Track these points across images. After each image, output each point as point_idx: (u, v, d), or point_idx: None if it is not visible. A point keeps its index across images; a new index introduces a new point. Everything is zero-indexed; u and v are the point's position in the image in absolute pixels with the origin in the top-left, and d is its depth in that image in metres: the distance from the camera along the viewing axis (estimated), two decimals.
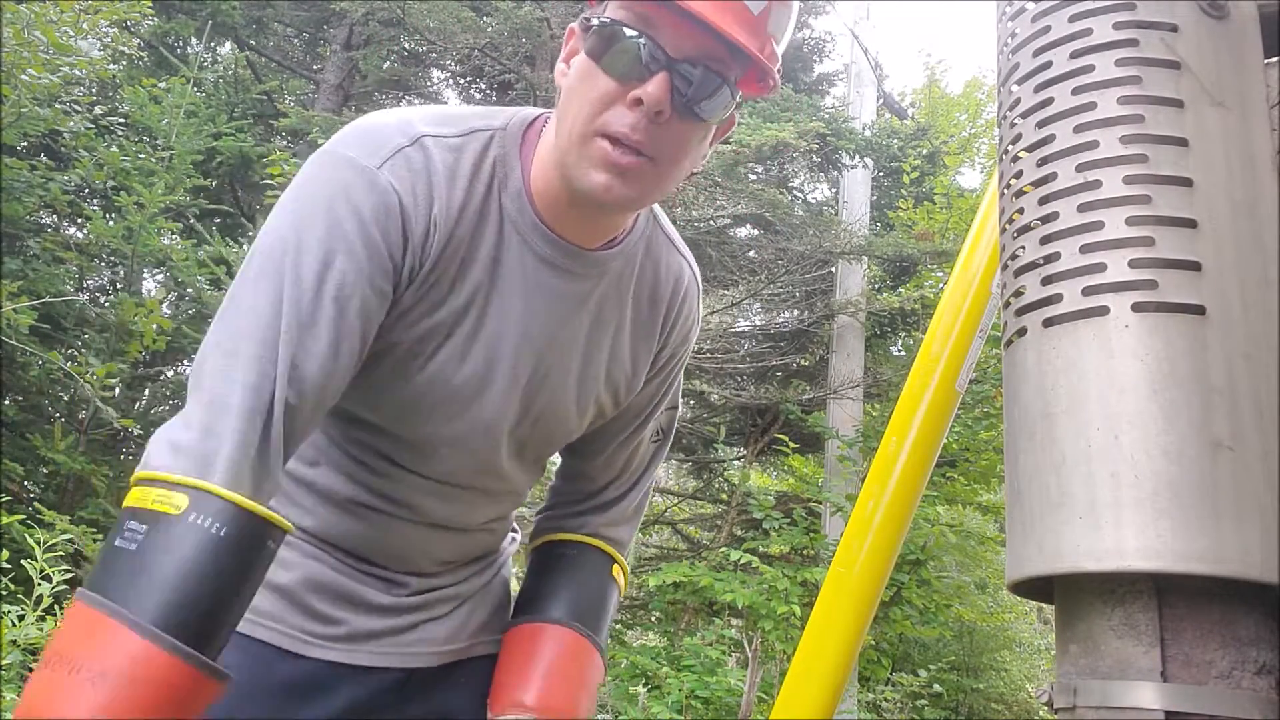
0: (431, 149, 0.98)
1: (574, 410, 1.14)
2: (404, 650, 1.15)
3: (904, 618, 6.44)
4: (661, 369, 1.21)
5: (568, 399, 1.12)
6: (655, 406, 1.24)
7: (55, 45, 5.11)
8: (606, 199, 0.94)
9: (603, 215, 1.03)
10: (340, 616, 1.11)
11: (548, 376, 1.08)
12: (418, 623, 1.17)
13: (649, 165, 0.93)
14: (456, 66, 8.42)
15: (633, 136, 0.91)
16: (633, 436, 1.25)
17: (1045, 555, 0.70)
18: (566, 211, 1.02)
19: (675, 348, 1.21)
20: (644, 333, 1.16)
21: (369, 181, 0.93)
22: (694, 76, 0.91)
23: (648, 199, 0.99)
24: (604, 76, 0.92)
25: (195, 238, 5.86)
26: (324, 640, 1.10)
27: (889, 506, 1.51)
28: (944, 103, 11.33)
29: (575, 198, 0.98)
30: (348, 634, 1.12)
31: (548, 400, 1.10)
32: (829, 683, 1.45)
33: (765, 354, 8.17)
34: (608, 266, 1.08)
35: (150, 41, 8.22)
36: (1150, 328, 0.69)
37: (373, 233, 0.93)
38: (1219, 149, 0.72)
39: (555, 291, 1.05)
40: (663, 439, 1.29)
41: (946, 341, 1.55)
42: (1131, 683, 0.66)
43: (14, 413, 5.70)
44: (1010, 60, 0.83)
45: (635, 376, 1.17)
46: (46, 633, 2.99)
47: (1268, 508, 0.65)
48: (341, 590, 1.12)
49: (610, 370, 1.14)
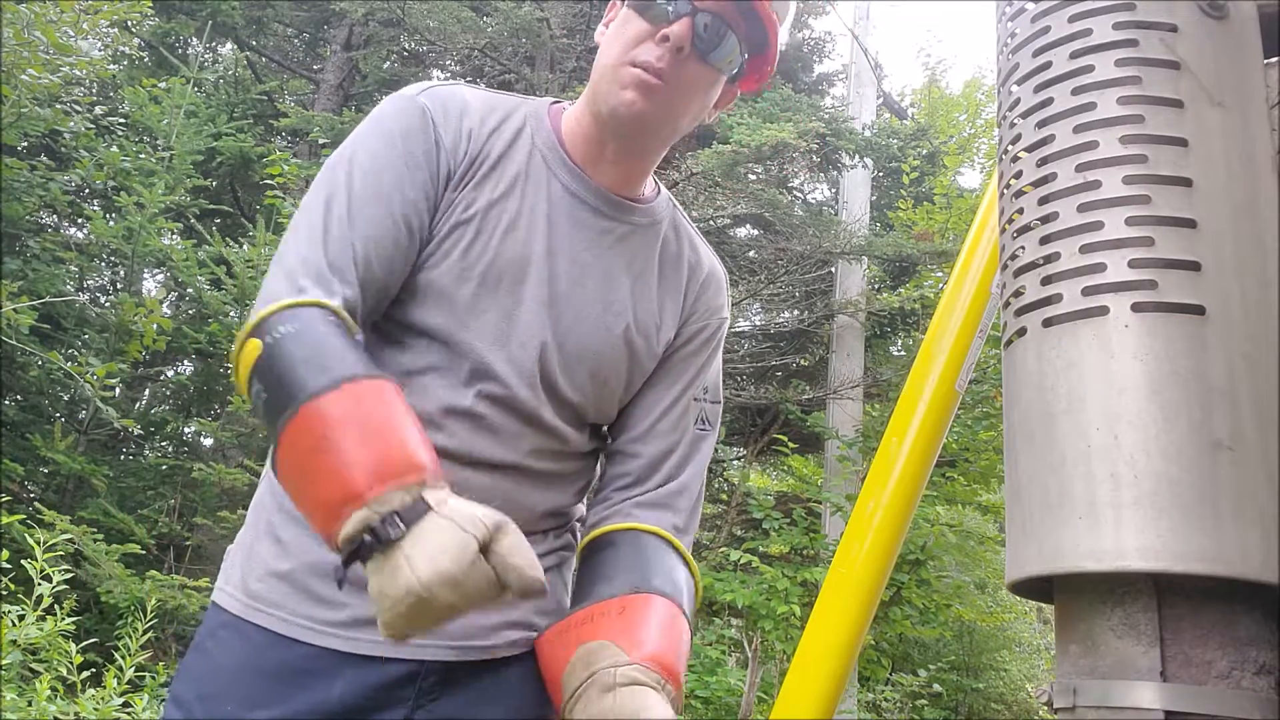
0: (466, 90, 1.20)
1: (604, 336, 1.17)
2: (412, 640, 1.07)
3: (904, 618, 6.44)
4: (695, 335, 1.28)
5: (596, 321, 1.17)
6: (695, 376, 1.28)
7: (55, 45, 5.11)
8: (630, 112, 1.12)
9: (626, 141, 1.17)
10: (344, 600, 1.07)
11: (573, 294, 1.16)
12: None
13: (666, 91, 1.12)
14: (456, 66, 8.42)
15: (657, 65, 1.10)
16: (675, 404, 1.25)
17: (1045, 555, 0.70)
18: (593, 154, 1.19)
19: (705, 318, 1.28)
20: (670, 289, 1.26)
21: (407, 104, 1.15)
22: (710, 24, 1.12)
23: (662, 122, 1.16)
24: (639, 19, 1.13)
25: (195, 238, 5.86)
26: (324, 625, 1.07)
27: (889, 506, 1.51)
28: (944, 103, 11.34)
29: (602, 123, 1.15)
30: (350, 619, 1.07)
31: (575, 317, 1.16)
32: (829, 683, 1.45)
33: (765, 354, 8.18)
34: (632, 216, 1.22)
35: (150, 41, 8.22)
36: (1150, 328, 0.69)
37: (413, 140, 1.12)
38: (1219, 149, 0.72)
39: (578, 219, 1.19)
40: (707, 429, 1.30)
41: (946, 341, 1.55)
42: (1131, 683, 0.66)
43: (14, 413, 5.71)
44: (1010, 60, 0.83)
45: (664, 327, 1.24)
46: (46, 633, 2.99)
47: (1268, 508, 0.65)
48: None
49: (638, 310, 1.21)
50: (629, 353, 1.21)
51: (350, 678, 1.07)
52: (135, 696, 3.15)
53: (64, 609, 3.09)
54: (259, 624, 1.07)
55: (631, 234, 1.22)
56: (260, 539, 1.13)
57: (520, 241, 1.15)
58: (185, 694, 1.07)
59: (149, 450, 6.86)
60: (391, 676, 1.08)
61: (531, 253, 1.15)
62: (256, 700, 1.04)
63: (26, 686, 3.05)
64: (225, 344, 5.65)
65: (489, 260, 1.13)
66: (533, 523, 1.18)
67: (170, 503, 5.60)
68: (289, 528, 1.11)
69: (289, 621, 1.07)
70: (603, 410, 1.23)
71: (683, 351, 1.27)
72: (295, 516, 1.11)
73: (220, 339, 5.53)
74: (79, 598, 4.08)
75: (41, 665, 3.17)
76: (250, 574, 1.11)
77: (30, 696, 2.92)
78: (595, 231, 1.19)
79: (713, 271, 1.31)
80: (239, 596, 1.10)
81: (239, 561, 1.14)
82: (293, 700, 1.04)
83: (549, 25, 6.64)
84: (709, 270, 1.30)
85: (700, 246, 1.31)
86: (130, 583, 4.26)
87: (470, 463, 1.12)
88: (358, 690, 1.07)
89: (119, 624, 4.10)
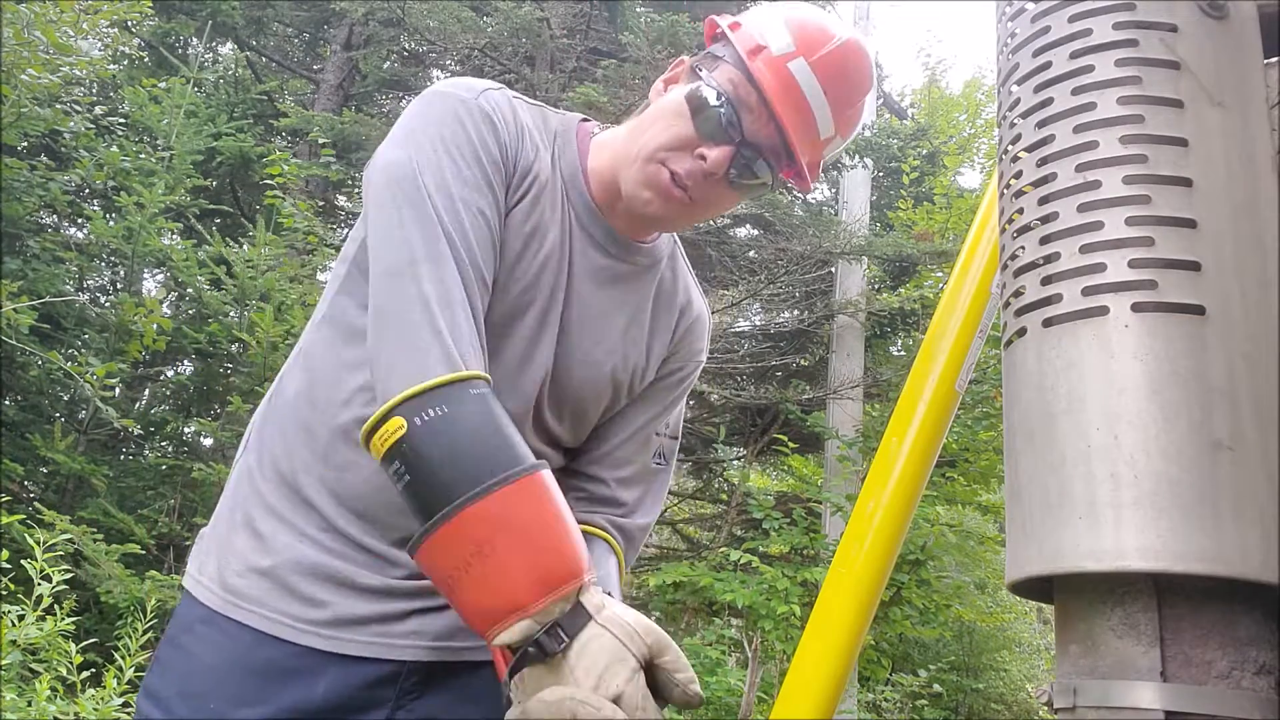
0: (511, 96, 1.16)
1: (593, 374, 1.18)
2: (392, 641, 1.09)
3: (904, 618, 6.44)
4: (673, 373, 1.30)
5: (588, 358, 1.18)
6: (664, 410, 1.30)
7: (55, 45, 5.11)
8: (645, 211, 1.13)
9: (635, 223, 1.19)
10: (325, 599, 1.08)
11: (576, 330, 1.17)
12: (410, 611, 1.11)
13: (688, 203, 1.12)
14: (456, 66, 8.41)
15: (685, 181, 1.10)
16: (641, 430, 1.27)
17: (1045, 555, 0.70)
18: (611, 202, 1.18)
19: (685, 359, 1.31)
20: (660, 328, 1.27)
21: (472, 105, 1.10)
22: (751, 159, 1.11)
23: (676, 225, 1.20)
24: (688, 123, 1.10)
25: (195, 238, 5.86)
26: (307, 624, 1.06)
27: (889, 506, 1.51)
28: (944, 103, 11.33)
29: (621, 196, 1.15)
30: (333, 618, 1.08)
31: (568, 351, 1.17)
32: (829, 683, 1.45)
33: (765, 354, 8.17)
34: (636, 257, 1.22)
35: (150, 41, 8.22)
36: (1150, 328, 0.69)
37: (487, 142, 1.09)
38: (1219, 149, 0.72)
39: (587, 255, 1.18)
40: (663, 464, 1.32)
41: (946, 341, 1.54)
42: (1131, 683, 0.66)
43: (14, 413, 5.71)
44: (1010, 60, 0.83)
45: (649, 367, 1.26)
46: (46, 633, 2.99)
47: (1268, 508, 0.65)
48: (328, 571, 1.08)
49: (628, 352, 1.22)
50: (612, 392, 1.23)
51: (333, 677, 1.07)
52: (135, 696, 3.15)
53: (64, 609, 3.09)
54: (240, 620, 1.06)
55: (631, 274, 1.23)
56: (237, 530, 1.12)
57: (553, 269, 1.15)
58: (163, 690, 1.06)
59: (149, 450, 6.86)
60: (374, 676, 1.09)
61: (559, 284, 1.15)
62: (241, 699, 1.04)
63: (26, 686, 3.05)
64: (225, 344, 5.65)
65: (528, 282, 1.13)
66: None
67: (170, 503, 5.60)
68: (268, 521, 1.11)
69: (271, 619, 1.06)
70: (576, 439, 1.26)
71: (657, 386, 1.29)
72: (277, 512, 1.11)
73: (220, 339, 5.53)
74: (79, 598, 4.08)
75: (41, 665, 3.16)
76: (227, 567, 1.10)
77: (30, 696, 2.91)
78: (598, 268, 1.19)
79: (699, 315, 1.32)
80: (216, 590, 1.09)
81: (214, 552, 1.13)
82: (276, 699, 1.04)
83: (549, 25, 6.63)
84: (697, 314, 1.32)
85: (692, 288, 1.33)
86: (130, 583, 4.25)
87: None
88: (340, 689, 1.07)
89: (119, 624, 4.10)
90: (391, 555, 1.10)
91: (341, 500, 1.10)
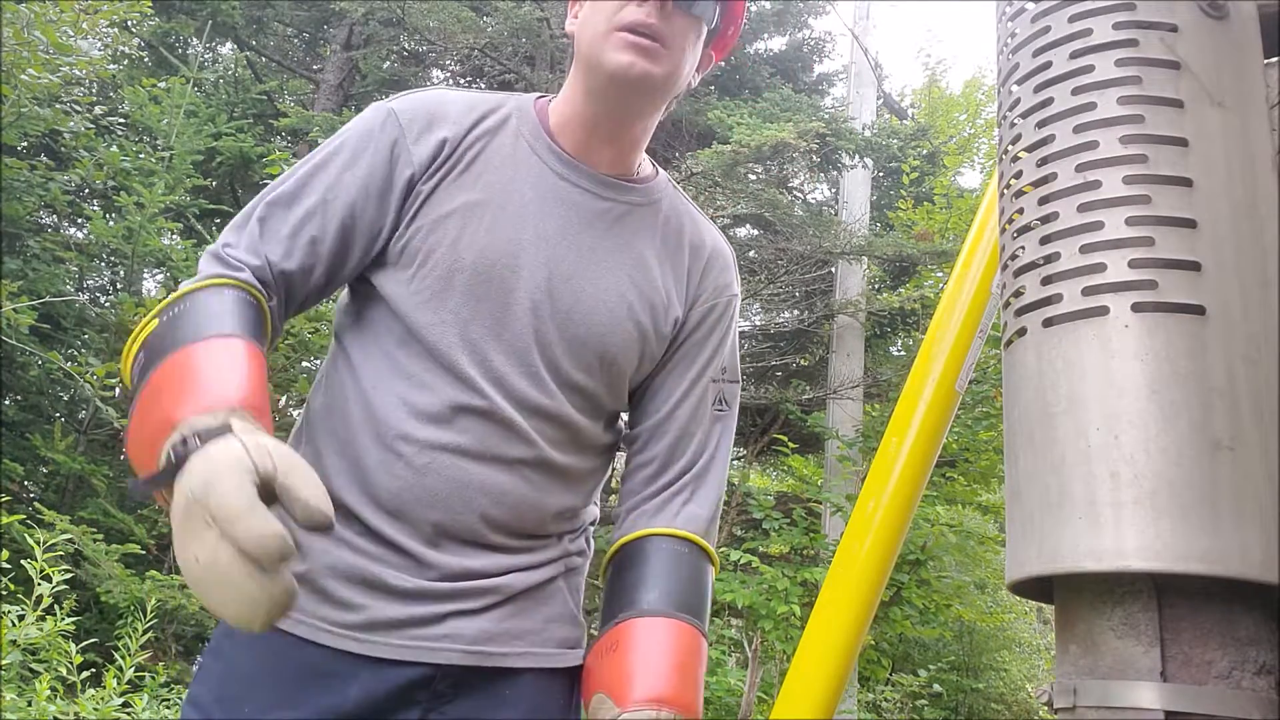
0: (447, 91, 1.21)
1: (608, 317, 1.16)
2: (427, 644, 1.08)
3: (904, 618, 6.44)
4: (705, 316, 1.26)
5: (597, 302, 1.16)
6: (711, 357, 1.26)
7: (55, 45, 5.11)
8: (633, 73, 1.11)
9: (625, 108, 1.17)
10: (360, 602, 1.07)
11: (572, 278, 1.15)
12: (445, 614, 1.09)
13: (662, 49, 1.12)
14: (456, 66, 8.41)
15: (647, 21, 1.10)
16: (693, 388, 1.24)
17: (1045, 555, 0.70)
18: (584, 137, 1.19)
19: (714, 296, 1.27)
20: (673, 268, 1.24)
21: (376, 108, 1.18)
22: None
23: (664, 79, 1.15)
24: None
25: (195, 238, 5.86)
26: (341, 628, 1.07)
27: (889, 506, 1.51)
28: (944, 103, 11.33)
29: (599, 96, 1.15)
30: (367, 621, 1.07)
31: (574, 300, 1.15)
32: (829, 683, 1.45)
33: (765, 354, 8.18)
34: (627, 195, 1.21)
35: (150, 41, 8.22)
36: (1150, 328, 0.69)
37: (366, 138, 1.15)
38: (1219, 149, 0.72)
39: (572, 203, 1.18)
40: (725, 409, 1.28)
41: (946, 341, 1.54)
42: (1131, 683, 0.66)
43: (14, 413, 5.71)
44: (1010, 60, 0.83)
45: (670, 306, 1.22)
46: (46, 633, 2.99)
47: (1268, 508, 0.65)
48: (362, 574, 1.08)
49: (642, 288, 1.20)
50: (637, 332, 1.19)
51: (365, 680, 1.07)
52: (135, 697, 3.15)
53: (64, 609, 3.09)
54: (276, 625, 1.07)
55: (629, 213, 1.21)
56: None
57: (509, 233, 1.14)
58: (203, 696, 1.08)
59: None
60: (406, 679, 1.08)
61: (521, 242, 1.14)
62: (275, 703, 1.05)
63: (26, 686, 3.05)
64: None
65: (476, 254, 1.13)
66: (545, 523, 1.18)
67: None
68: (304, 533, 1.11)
69: (306, 624, 1.07)
70: (615, 393, 1.22)
71: (696, 335, 1.26)
72: None
73: None
74: (79, 598, 4.07)
75: (41, 665, 3.16)
76: None
77: (30, 696, 2.92)
78: (591, 213, 1.18)
79: (716, 249, 1.29)
80: None
81: None
82: (309, 703, 1.05)
83: (549, 25, 6.63)
84: (713, 248, 1.28)
85: (702, 224, 1.29)
86: (130, 583, 4.25)
87: (488, 459, 1.11)
88: (372, 693, 1.07)
89: (119, 624, 4.10)
90: (426, 557, 1.09)
91: (377, 500, 1.10)
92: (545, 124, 1.21)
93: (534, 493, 1.14)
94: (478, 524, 1.11)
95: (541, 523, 1.17)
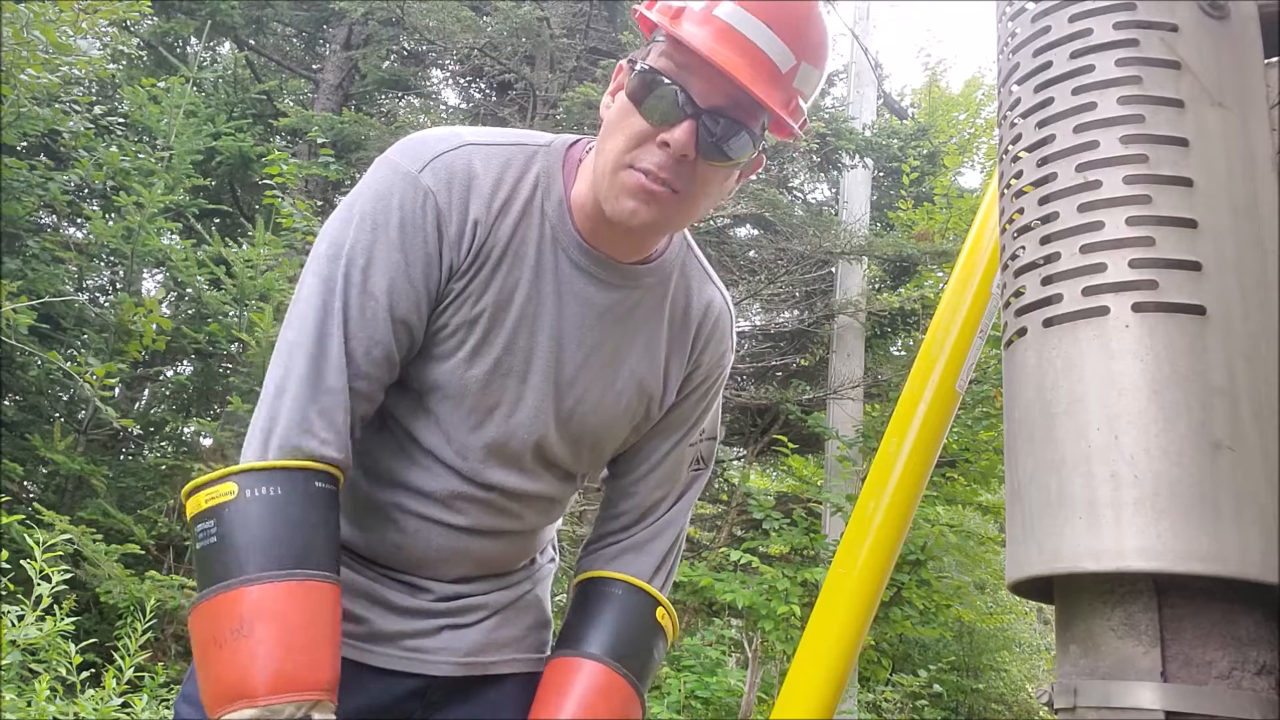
0: (474, 155, 1.09)
1: (608, 413, 1.18)
2: (425, 656, 1.15)
3: (904, 618, 6.44)
4: (696, 388, 1.26)
5: (599, 400, 1.17)
6: (693, 426, 1.28)
7: (55, 45, 5.10)
8: (633, 223, 1.04)
9: (632, 237, 1.12)
10: (362, 614, 1.13)
11: (578, 378, 1.15)
12: (441, 628, 1.17)
13: (673, 196, 1.04)
14: (456, 66, 8.40)
15: (660, 174, 1.02)
16: (671, 454, 1.27)
17: (1045, 555, 0.70)
18: (602, 228, 1.11)
19: (709, 369, 1.27)
20: (677, 347, 1.22)
21: (410, 184, 1.05)
22: (718, 125, 1.01)
23: (671, 225, 1.10)
24: (640, 117, 1.02)
25: (195, 238, 5.85)
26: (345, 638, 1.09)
27: (889, 506, 1.51)
28: (944, 103, 11.33)
29: (606, 220, 1.08)
30: (369, 633, 1.13)
31: (577, 400, 1.15)
32: (829, 683, 1.45)
33: (765, 354, 8.17)
34: (641, 280, 1.16)
35: (150, 41, 8.21)
36: (1150, 328, 0.69)
37: (411, 231, 1.05)
38: (1219, 149, 0.72)
39: (588, 299, 1.13)
40: (702, 468, 1.31)
41: (946, 341, 1.54)
42: (1131, 683, 0.66)
43: (14, 413, 5.70)
44: (1010, 60, 0.83)
45: (667, 390, 1.23)
46: (46, 633, 2.99)
47: (1268, 508, 0.65)
48: (364, 590, 1.14)
49: (644, 380, 1.19)
50: (629, 425, 1.22)
51: (364, 689, 1.11)
52: (134, 697, 3.15)
53: (63, 609, 3.09)
54: None
55: (642, 300, 1.18)
56: None
57: (528, 335, 1.12)
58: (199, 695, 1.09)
59: (148, 450, 6.85)
60: (402, 690, 1.15)
61: (537, 344, 1.12)
62: None
63: (26, 687, 3.05)
64: (225, 344, 5.64)
65: (496, 357, 1.11)
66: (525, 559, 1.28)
67: (170, 503, 5.59)
68: None
69: None
70: (598, 465, 1.28)
71: (685, 405, 1.27)
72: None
73: (220, 339, 5.53)
74: (78, 598, 4.07)
75: (41, 665, 3.16)
76: None
77: (29, 697, 2.91)
78: (604, 306, 1.15)
79: (720, 315, 1.26)
80: None
81: None
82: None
83: (549, 25, 6.63)
84: (717, 315, 1.26)
85: (708, 286, 1.26)
86: (129, 583, 4.25)
87: (479, 533, 1.17)
88: (370, 701, 1.12)
89: (118, 624, 4.09)
90: (423, 584, 1.17)
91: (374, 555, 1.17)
92: (569, 196, 1.13)
93: (514, 547, 1.23)
94: (469, 572, 1.20)
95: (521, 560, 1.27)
